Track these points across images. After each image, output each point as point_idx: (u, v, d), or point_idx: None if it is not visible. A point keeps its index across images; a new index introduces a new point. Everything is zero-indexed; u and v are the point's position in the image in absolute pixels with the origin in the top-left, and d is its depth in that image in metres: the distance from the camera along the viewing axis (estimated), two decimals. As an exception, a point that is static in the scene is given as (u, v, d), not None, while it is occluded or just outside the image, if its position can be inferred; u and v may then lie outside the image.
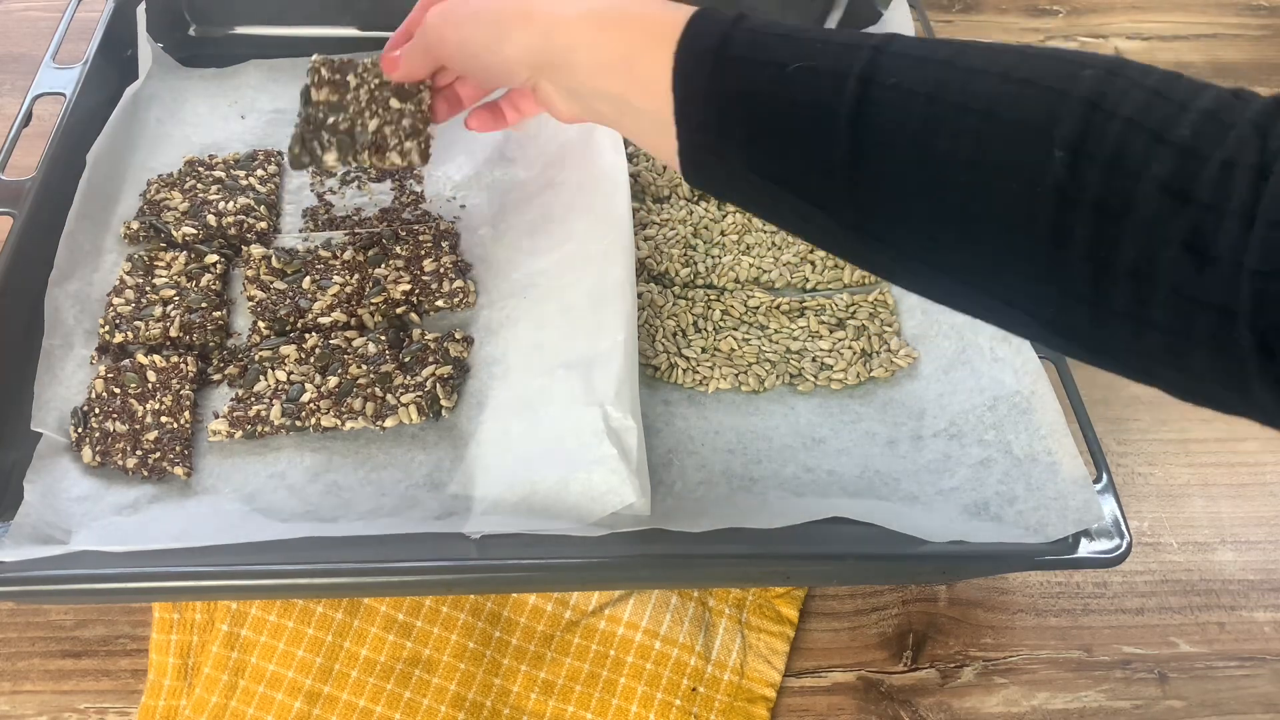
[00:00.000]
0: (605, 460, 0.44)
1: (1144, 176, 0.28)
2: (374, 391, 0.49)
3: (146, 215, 0.55)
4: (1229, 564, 0.54)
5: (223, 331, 0.52)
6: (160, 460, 0.47)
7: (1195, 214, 0.27)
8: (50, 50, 0.60)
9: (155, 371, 0.49)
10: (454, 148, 0.63)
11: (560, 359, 0.49)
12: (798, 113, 0.34)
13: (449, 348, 0.51)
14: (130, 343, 0.51)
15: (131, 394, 0.49)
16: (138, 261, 0.54)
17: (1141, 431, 0.59)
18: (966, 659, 0.50)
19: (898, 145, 0.33)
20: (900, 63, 0.33)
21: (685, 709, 0.47)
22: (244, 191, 0.57)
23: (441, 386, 0.49)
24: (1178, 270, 0.27)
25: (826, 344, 0.54)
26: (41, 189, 0.53)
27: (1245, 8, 0.86)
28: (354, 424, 0.48)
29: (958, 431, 0.50)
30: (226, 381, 0.51)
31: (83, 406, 0.48)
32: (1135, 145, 0.28)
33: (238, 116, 0.63)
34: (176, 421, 0.48)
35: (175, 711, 0.46)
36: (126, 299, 0.52)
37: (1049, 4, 0.84)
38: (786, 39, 0.35)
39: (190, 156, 0.60)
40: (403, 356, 0.50)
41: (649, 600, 0.49)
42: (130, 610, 0.49)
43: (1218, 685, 0.51)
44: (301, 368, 0.50)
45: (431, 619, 0.48)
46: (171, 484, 0.47)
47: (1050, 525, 0.45)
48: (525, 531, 0.44)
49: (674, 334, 0.54)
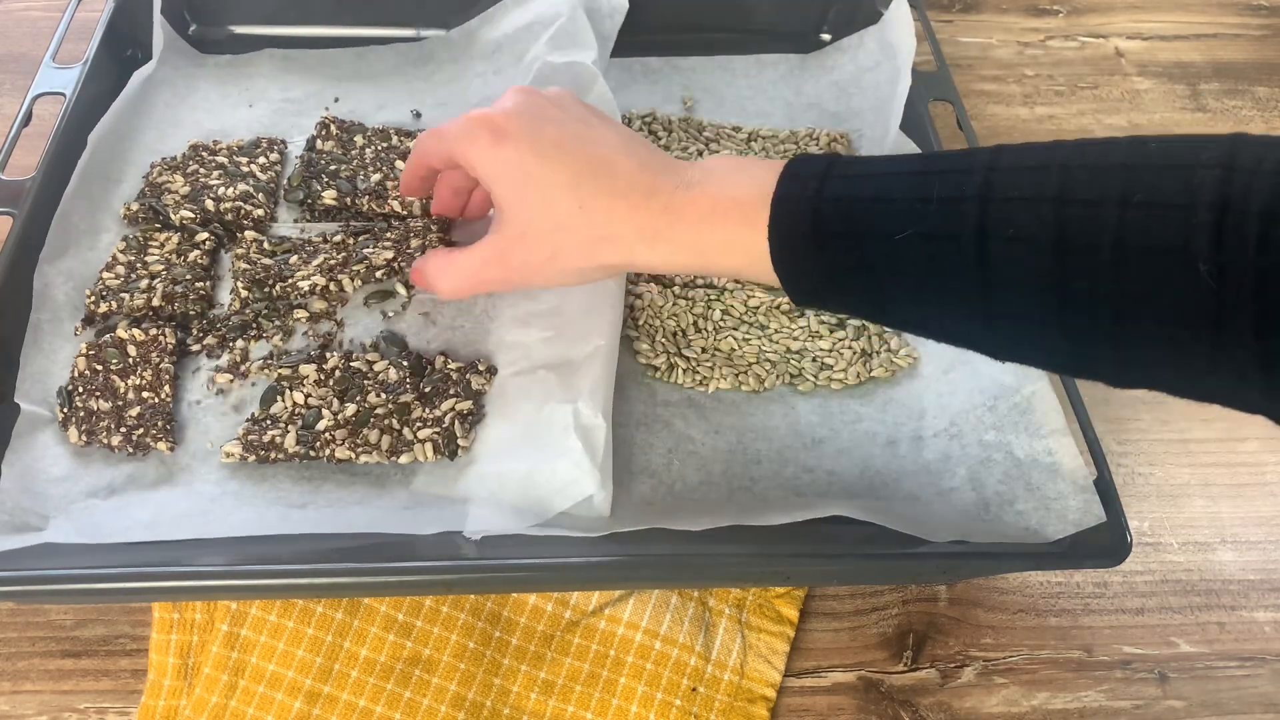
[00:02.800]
0: (570, 453, 0.44)
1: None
2: (390, 424, 0.48)
3: (147, 197, 0.56)
4: (1229, 564, 0.54)
5: (204, 301, 0.52)
6: (144, 436, 0.47)
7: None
8: (50, 50, 0.59)
9: (135, 345, 0.49)
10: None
11: (543, 360, 0.49)
12: (917, 270, 0.34)
13: (471, 380, 0.49)
14: (114, 312, 0.51)
15: (113, 370, 0.49)
16: (133, 241, 0.54)
17: (1141, 431, 0.59)
18: (967, 659, 0.50)
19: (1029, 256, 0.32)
20: (1016, 177, 0.32)
21: (685, 709, 0.47)
22: (244, 178, 0.57)
23: (460, 423, 0.48)
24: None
25: (826, 344, 0.54)
26: (41, 189, 0.53)
27: (1246, 8, 0.86)
28: (368, 459, 0.47)
29: (958, 431, 0.50)
30: (205, 352, 0.51)
31: (67, 386, 0.48)
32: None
33: (246, 105, 0.63)
34: (157, 396, 0.48)
35: (175, 711, 0.46)
36: (116, 274, 0.52)
37: (1049, 4, 0.84)
38: (879, 199, 0.35)
39: (194, 141, 0.60)
40: (423, 386, 0.49)
41: (649, 600, 0.49)
42: (130, 610, 0.49)
43: (1218, 685, 0.51)
44: (320, 390, 0.49)
45: (431, 619, 0.48)
46: (149, 462, 0.47)
47: (1050, 525, 0.45)
48: (525, 533, 0.44)
49: (674, 334, 0.54)
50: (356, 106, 0.64)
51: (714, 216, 0.39)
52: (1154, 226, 0.29)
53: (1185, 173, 0.29)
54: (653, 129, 0.64)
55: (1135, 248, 0.29)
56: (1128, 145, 0.31)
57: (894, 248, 0.34)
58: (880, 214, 0.34)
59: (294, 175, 0.58)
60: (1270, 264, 0.27)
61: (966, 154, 0.35)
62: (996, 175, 0.33)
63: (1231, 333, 0.28)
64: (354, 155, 0.59)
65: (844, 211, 0.35)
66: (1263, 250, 0.27)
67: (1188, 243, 0.28)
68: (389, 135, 0.61)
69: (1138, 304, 0.30)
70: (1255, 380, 0.29)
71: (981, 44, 0.81)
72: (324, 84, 0.65)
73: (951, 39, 0.80)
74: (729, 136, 0.64)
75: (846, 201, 0.35)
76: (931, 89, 0.63)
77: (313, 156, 0.59)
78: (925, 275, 0.34)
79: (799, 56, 0.70)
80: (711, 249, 0.39)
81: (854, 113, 0.66)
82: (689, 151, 0.63)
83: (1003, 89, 0.77)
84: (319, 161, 0.58)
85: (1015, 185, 0.32)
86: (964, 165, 0.34)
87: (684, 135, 0.64)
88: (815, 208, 0.36)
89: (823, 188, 0.36)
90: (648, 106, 0.66)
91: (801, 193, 0.36)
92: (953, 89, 0.64)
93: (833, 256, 0.36)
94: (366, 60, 0.66)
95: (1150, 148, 0.31)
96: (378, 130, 0.61)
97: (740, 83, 0.69)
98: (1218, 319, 0.28)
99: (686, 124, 0.65)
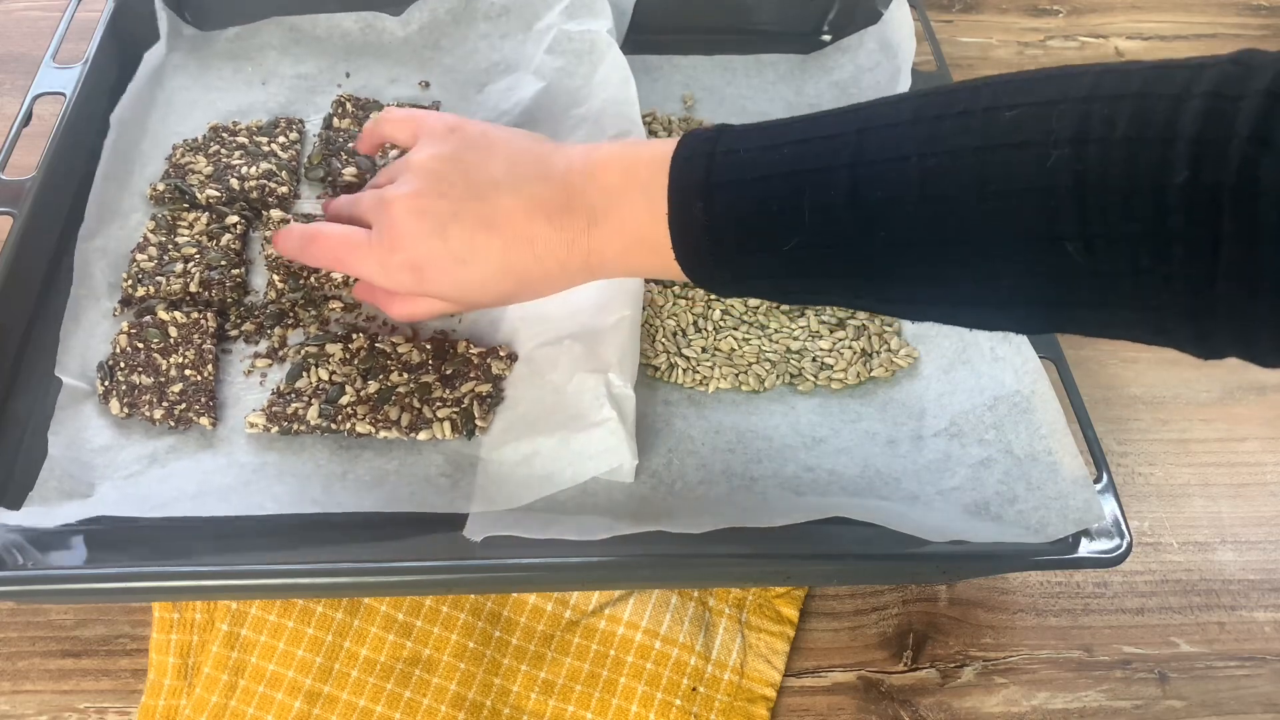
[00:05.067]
0: (606, 423, 0.46)
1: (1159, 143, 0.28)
2: (411, 402, 0.49)
3: (171, 178, 0.57)
4: (1229, 564, 0.54)
5: (240, 289, 0.54)
6: (186, 411, 0.48)
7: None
8: (50, 50, 0.59)
9: (176, 327, 0.51)
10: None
11: (568, 330, 0.51)
12: (796, 237, 0.36)
13: (491, 364, 0.51)
14: (151, 297, 0.52)
15: (154, 348, 0.50)
16: (161, 220, 0.55)
17: (1141, 431, 0.59)
18: (966, 659, 0.50)
19: (898, 215, 0.34)
20: (882, 136, 0.35)
21: (685, 709, 0.47)
22: (266, 157, 0.59)
23: (479, 405, 0.49)
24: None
25: (826, 343, 0.54)
26: (41, 189, 0.53)
27: (1245, 8, 0.86)
28: (388, 433, 0.48)
29: (958, 431, 0.50)
30: (243, 338, 0.52)
31: (107, 360, 0.50)
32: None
33: (260, 82, 0.64)
34: (200, 374, 0.49)
35: (175, 711, 0.46)
36: (149, 255, 0.54)
37: (1049, 4, 0.84)
38: (761, 211, 0.37)
39: (214, 123, 0.61)
40: (445, 369, 0.50)
41: (649, 600, 0.49)
42: (130, 610, 0.49)
43: (1218, 685, 0.51)
44: (345, 369, 0.50)
45: (431, 619, 0.48)
46: (189, 435, 0.48)
47: (1050, 525, 0.45)
48: (525, 535, 0.44)
49: (674, 334, 0.54)
50: (369, 81, 0.65)
51: (627, 256, 0.42)
52: (1011, 166, 0.31)
53: (1046, 108, 0.31)
54: (652, 129, 0.64)
55: (994, 191, 0.32)
56: (983, 115, 0.33)
57: (784, 258, 0.37)
58: (766, 229, 0.37)
59: (314, 154, 0.60)
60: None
61: (839, 119, 0.37)
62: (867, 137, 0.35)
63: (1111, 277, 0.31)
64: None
65: (735, 220, 0.38)
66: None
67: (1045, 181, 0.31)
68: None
69: (999, 238, 0.32)
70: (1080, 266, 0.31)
71: (981, 44, 0.81)
72: (334, 58, 0.66)
73: (951, 39, 0.80)
74: (729, 136, 0.64)
75: (735, 215, 0.38)
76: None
77: (331, 134, 0.61)
78: (818, 278, 0.37)
79: (799, 56, 0.70)
80: (640, 272, 0.43)
81: (854, 113, 0.66)
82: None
83: (1003, 89, 0.77)
84: (337, 139, 0.60)
85: (881, 146, 0.34)
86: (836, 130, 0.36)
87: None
88: (705, 225, 0.38)
89: (710, 203, 0.38)
90: (648, 106, 0.66)
91: (691, 215, 0.39)
92: (953, 89, 0.64)
93: (734, 268, 0.39)
94: (375, 29, 0.66)
95: (1015, 88, 0.33)
96: (395, 107, 0.62)
97: (740, 82, 0.69)
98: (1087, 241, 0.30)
99: (686, 124, 0.65)
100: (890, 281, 0.36)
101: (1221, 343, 0.30)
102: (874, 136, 0.35)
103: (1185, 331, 0.30)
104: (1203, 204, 0.28)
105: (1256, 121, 0.27)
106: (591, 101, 0.60)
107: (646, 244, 0.40)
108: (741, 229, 0.37)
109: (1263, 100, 0.27)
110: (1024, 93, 0.32)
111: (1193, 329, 0.30)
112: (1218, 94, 0.28)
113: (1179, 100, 0.28)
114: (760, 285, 0.40)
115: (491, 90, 0.64)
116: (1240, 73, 0.28)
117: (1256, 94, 0.27)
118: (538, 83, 0.62)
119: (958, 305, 0.36)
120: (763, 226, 0.37)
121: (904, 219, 0.34)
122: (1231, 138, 0.27)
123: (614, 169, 0.41)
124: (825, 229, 0.35)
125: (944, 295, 0.36)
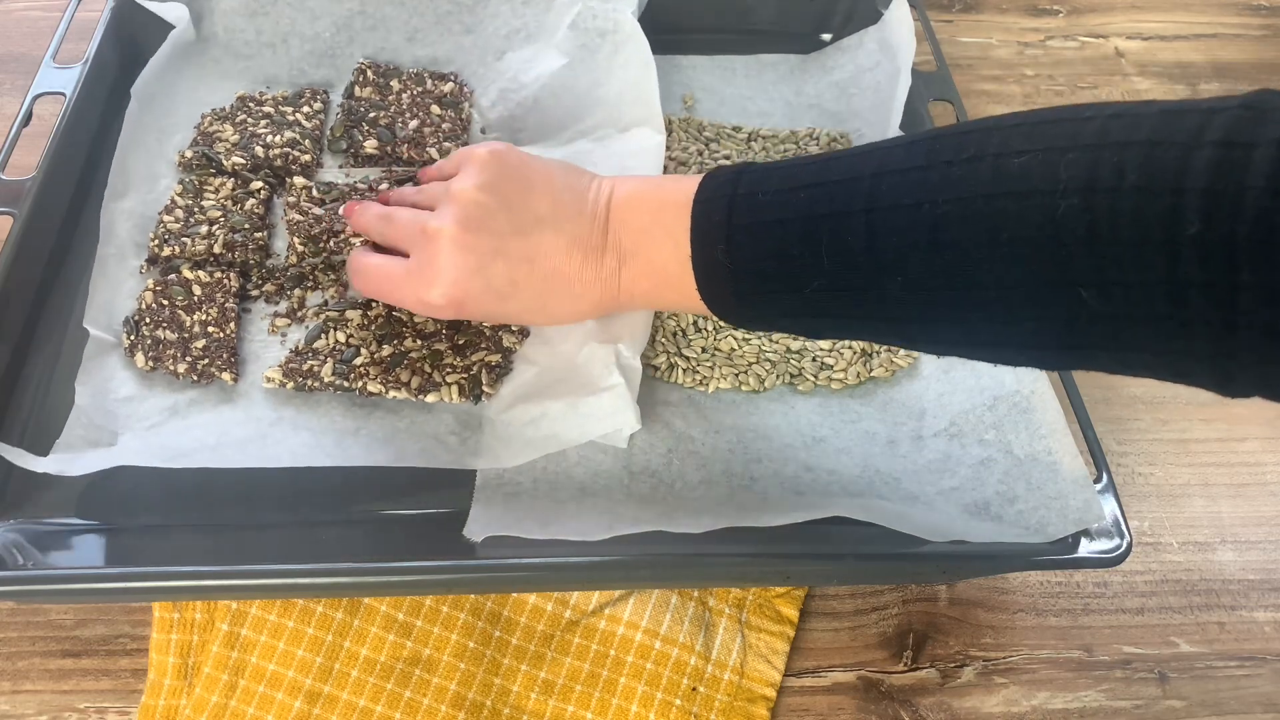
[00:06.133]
0: (614, 388, 0.48)
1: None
2: (422, 366, 0.51)
3: (200, 145, 0.59)
4: (1229, 564, 0.54)
5: (262, 251, 0.55)
6: (209, 366, 0.50)
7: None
8: (50, 50, 0.59)
9: (200, 286, 0.52)
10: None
11: None
12: (816, 280, 0.37)
13: (503, 337, 0.52)
14: (177, 256, 0.54)
15: (179, 305, 0.52)
16: (189, 185, 0.57)
17: (1141, 431, 0.59)
18: (966, 659, 0.50)
19: (914, 261, 0.34)
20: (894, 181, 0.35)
21: (685, 709, 0.47)
22: (290, 126, 0.60)
23: (487, 373, 0.51)
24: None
25: (826, 344, 0.54)
26: (41, 189, 0.53)
27: (1246, 8, 0.86)
28: (397, 393, 0.50)
29: (958, 431, 0.50)
30: (264, 298, 0.54)
31: (133, 316, 0.51)
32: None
33: (280, 39, 0.64)
34: (222, 331, 0.51)
35: (175, 711, 0.46)
36: (176, 217, 0.55)
37: (1049, 4, 0.84)
38: (781, 253, 0.38)
39: (242, 92, 0.62)
40: (458, 339, 0.52)
41: (649, 600, 0.49)
42: (130, 610, 0.49)
43: (1218, 685, 0.51)
44: (362, 333, 0.52)
45: (431, 618, 0.48)
46: (210, 389, 0.50)
47: (1050, 525, 0.45)
48: (525, 535, 0.44)
49: (674, 334, 0.54)
50: (387, 40, 0.65)
51: (655, 293, 0.44)
52: (1019, 213, 0.32)
53: (1054, 156, 0.31)
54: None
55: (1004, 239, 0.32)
56: (993, 158, 0.33)
57: (806, 299, 0.38)
58: (786, 272, 0.38)
59: (336, 125, 0.61)
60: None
61: (855, 162, 0.38)
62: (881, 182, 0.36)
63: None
64: (391, 101, 0.62)
65: (756, 263, 0.39)
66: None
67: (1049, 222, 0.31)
68: (424, 79, 0.64)
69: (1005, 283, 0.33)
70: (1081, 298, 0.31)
71: (981, 44, 0.81)
72: (351, 10, 0.65)
73: (951, 39, 0.80)
74: (729, 136, 0.64)
75: (756, 258, 0.39)
76: (931, 89, 0.63)
77: (353, 104, 0.62)
78: (840, 318, 0.39)
79: (799, 56, 0.70)
80: (669, 307, 0.46)
81: (854, 113, 0.66)
82: (689, 151, 0.63)
83: (1002, 89, 0.77)
84: (358, 109, 0.61)
85: (895, 191, 0.35)
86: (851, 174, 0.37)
87: (684, 135, 0.64)
88: (729, 268, 0.40)
89: (732, 246, 0.39)
90: (648, 106, 0.66)
91: (714, 258, 0.40)
92: (953, 89, 0.64)
93: (758, 308, 0.41)
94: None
95: (1022, 135, 0.33)
96: (413, 75, 0.64)
97: (740, 82, 0.69)
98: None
99: (687, 124, 0.65)
100: (910, 323, 0.37)
101: (1245, 385, 0.30)
102: (888, 181, 0.35)
103: (1207, 375, 0.30)
104: (1217, 255, 0.27)
105: (1271, 172, 0.26)
106: (611, 84, 0.61)
107: (673, 284, 0.42)
108: (763, 271, 0.38)
109: (1277, 150, 0.27)
110: (1033, 138, 0.32)
111: (1215, 373, 0.30)
112: (1229, 142, 0.27)
113: (1188, 149, 0.28)
114: (786, 323, 0.41)
115: (511, 59, 0.65)
116: (1253, 118, 0.28)
117: (1270, 143, 0.27)
118: (559, 59, 0.63)
119: (976, 346, 0.37)
120: (783, 269, 0.38)
121: (919, 265, 0.34)
122: (1245, 190, 0.27)
123: (643, 210, 0.43)
124: (844, 273, 0.36)
125: (963, 337, 0.36)
